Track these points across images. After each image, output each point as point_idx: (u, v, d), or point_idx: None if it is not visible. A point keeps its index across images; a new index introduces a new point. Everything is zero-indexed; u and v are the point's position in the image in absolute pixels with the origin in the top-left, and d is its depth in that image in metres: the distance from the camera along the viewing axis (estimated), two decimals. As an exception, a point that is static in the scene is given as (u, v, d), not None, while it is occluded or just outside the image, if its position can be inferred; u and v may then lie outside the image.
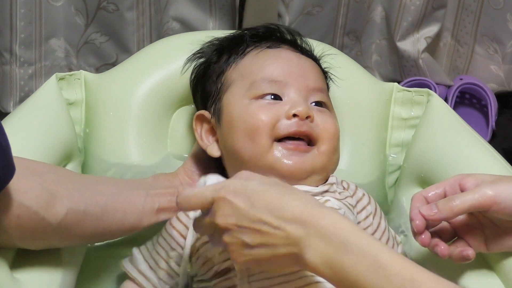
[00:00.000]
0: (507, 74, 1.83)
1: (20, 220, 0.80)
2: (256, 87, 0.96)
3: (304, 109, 0.93)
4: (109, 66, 1.67)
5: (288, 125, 0.93)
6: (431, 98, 1.13)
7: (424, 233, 0.86)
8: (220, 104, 0.98)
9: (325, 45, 1.14)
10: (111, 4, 1.67)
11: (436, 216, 0.85)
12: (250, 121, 0.93)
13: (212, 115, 0.99)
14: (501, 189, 0.83)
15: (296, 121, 0.93)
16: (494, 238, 0.88)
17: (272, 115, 0.93)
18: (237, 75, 0.99)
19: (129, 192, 0.95)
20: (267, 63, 0.98)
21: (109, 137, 1.10)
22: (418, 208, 0.86)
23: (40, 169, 0.85)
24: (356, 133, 1.13)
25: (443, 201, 0.85)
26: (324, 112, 0.97)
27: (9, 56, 1.67)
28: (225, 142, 0.97)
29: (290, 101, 0.95)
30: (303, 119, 0.93)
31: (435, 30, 1.81)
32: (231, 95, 0.97)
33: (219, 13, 1.77)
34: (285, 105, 0.94)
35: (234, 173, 0.95)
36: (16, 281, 0.83)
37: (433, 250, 0.87)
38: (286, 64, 0.98)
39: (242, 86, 0.97)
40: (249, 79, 0.97)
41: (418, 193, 0.89)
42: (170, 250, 0.96)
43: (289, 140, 0.93)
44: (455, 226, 0.90)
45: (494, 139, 1.77)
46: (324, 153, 0.95)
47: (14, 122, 1.00)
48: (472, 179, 0.87)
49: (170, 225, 0.98)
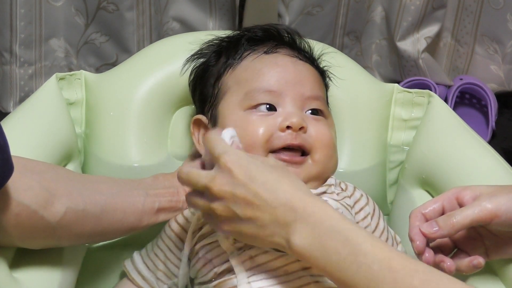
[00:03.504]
0: (507, 74, 1.83)
1: (19, 218, 0.80)
2: (250, 97, 0.96)
3: (297, 121, 0.93)
4: (109, 66, 1.67)
5: (282, 138, 0.93)
6: (432, 99, 1.13)
7: (426, 252, 0.86)
8: (216, 111, 0.99)
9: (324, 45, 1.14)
10: (111, 4, 1.67)
11: (437, 234, 0.85)
12: (245, 134, 0.93)
13: (209, 121, 0.99)
14: (500, 202, 0.83)
15: (289, 133, 0.93)
16: (494, 248, 0.88)
17: (266, 128, 0.93)
18: (233, 82, 0.99)
19: (128, 192, 0.95)
20: (262, 71, 0.98)
21: (109, 137, 1.10)
22: (417, 227, 0.86)
23: (39, 168, 0.85)
24: (356, 134, 1.13)
25: (443, 218, 0.85)
26: (320, 120, 0.97)
27: (9, 56, 1.67)
28: None
29: (283, 112, 0.95)
30: (296, 131, 0.93)
31: (435, 30, 1.81)
32: (226, 103, 0.98)
33: (219, 13, 1.77)
34: (278, 117, 0.94)
35: None
36: (15, 281, 0.83)
37: (439, 267, 0.86)
38: (282, 72, 0.98)
39: (237, 95, 0.97)
40: (244, 88, 0.97)
41: (415, 210, 0.88)
42: (168, 251, 0.97)
43: (283, 150, 0.94)
44: (455, 239, 0.90)
45: (494, 139, 1.77)
46: (319, 162, 0.95)
47: (14, 122, 1.00)
48: (469, 192, 0.86)
49: (169, 227, 0.98)
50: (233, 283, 0.88)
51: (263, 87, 0.96)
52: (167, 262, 0.97)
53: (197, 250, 0.93)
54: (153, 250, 0.99)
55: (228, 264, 0.89)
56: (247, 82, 0.97)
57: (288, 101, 0.96)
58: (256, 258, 0.88)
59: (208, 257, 0.91)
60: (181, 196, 1.01)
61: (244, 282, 0.87)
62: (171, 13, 1.76)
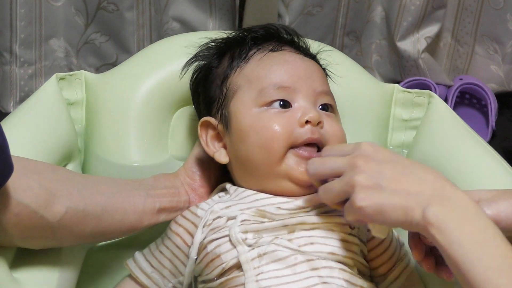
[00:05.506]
0: (507, 74, 1.83)
1: (19, 218, 0.80)
2: (265, 94, 0.96)
3: (315, 115, 0.93)
4: (109, 66, 1.67)
5: (303, 133, 0.93)
6: (432, 99, 1.13)
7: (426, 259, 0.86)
8: (227, 110, 0.98)
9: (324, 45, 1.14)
10: (111, 4, 1.67)
11: None
12: (264, 131, 0.93)
13: (219, 122, 0.99)
14: (500, 209, 0.83)
15: (309, 127, 0.93)
16: None
17: (286, 124, 0.93)
18: (243, 80, 0.98)
19: (129, 192, 0.95)
20: (274, 68, 0.98)
21: (109, 137, 1.10)
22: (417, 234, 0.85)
23: (39, 168, 0.85)
24: (357, 134, 1.13)
25: None
26: (331, 116, 0.98)
27: (9, 56, 1.67)
28: (236, 150, 0.97)
29: (300, 107, 0.95)
30: (314, 125, 0.93)
31: (435, 30, 1.81)
32: (238, 101, 0.97)
33: (219, 13, 1.77)
34: (296, 113, 0.94)
35: (243, 178, 0.97)
36: (15, 281, 0.83)
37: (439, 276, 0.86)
38: (293, 69, 0.98)
39: (250, 92, 0.97)
40: (257, 86, 0.97)
41: None
42: (175, 248, 0.96)
43: (302, 146, 0.94)
44: None
45: (494, 139, 1.77)
46: None
47: (14, 122, 1.00)
48: None
49: (176, 223, 0.98)
50: (240, 281, 0.88)
51: (277, 84, 0.96)
52: (174, 259, 0.96)
53: (205, 244, 0.93)
54: (158, 248, 0.98)
55: (236, 260, 0.89)
56: (259, 79, 0.97)
57: (302, 97, 0.96)
58: (265, 256, 0.88)
59: (217, 252, 0.91)
60: (182, 196, 1.01)
61: (252, 280, 0.87)
62: (171, 13, 1.76)
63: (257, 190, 0.95)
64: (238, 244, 0.89)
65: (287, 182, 0.93)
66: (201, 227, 0.94)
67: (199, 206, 0.97)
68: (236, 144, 0.96)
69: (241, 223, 0.91)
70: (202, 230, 0.93)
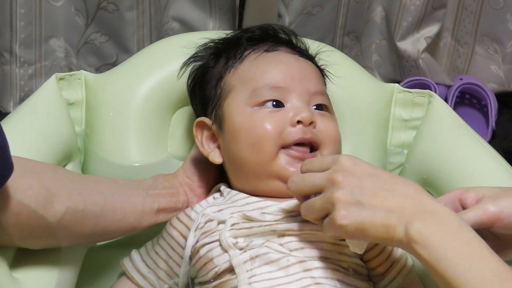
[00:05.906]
0: (507, 74, 1.83)
1: (18, 218, 0.80)
2: (258, 94, 0.96)
3: (307, 115, 0.93)
4: (109, 66, 1.67)
5: (294, 133, 0.93)
6: (433, 99, 1.13)
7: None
8: (220, 110, 0.98)
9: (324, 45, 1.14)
10: (111, 4, 1.67)
11: None
12: (256, 131, 0.93)
13: (213, 122, 0.99)
14: (503, 205, 0.82)
15: (300, 127, 0.93)
16: (497, 250, 0.87)
17: (277, 123, 0.93)
18: (237, 81, 0.98)
19: (128, 192, 0.96)
20: (267, 68, 0.98)
21: (109, 137, 1.10)
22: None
23: (39, 168, 0.85)
24: (357, 134, 1.13)
25: None
26: (325, 116, 0.97)
27: (9, 56, 1.67)
28: (229, 150, 0.97)
29: (293, 107, 0.95)
30: (306, 125, 0.93)
31: (435, 30, 1.81)
32: (232, 102, 0.97)
33: (219, 13, 1.77)
34: (288, 112, 0.94)
35: (236, 179, 0.97)
36: (15, 281, 0.83)
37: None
38: (286, 69, 0.98)
39: (243, 93, 0.97)
40: (250, 86, 0.97)
41: None
42: (170, 250, 0.97)
43: (294, 146, 0.94)
44: None
45: (494, 139, 1.77)
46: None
47: (14, 122, 1.00)
48: (472, 194, 0.86)
49: (171, 225, 0.98)
50: (233, 284, 0.88)
51: (270, 84, 0.96)
52: (169, 261, 0.97)
53: (198, 248, 0.93)
54: (153, 248, 0.98)
55: (228, 264, 0.89)
56: (252, 80, 0.97)
57: (295, 97, 0.96)
58: (257, 259, 0.88)
59: (209, 256, 0.91)
60: (181, 196, 1.01)
61: (245, 283, 0.87)
62: (171, 13, 1.76)
63: (250, 191, 0.95)
64: (229, 248, 0.89)
65: (278, 182, 0.93)
66: (194, 230, 0.94)
67: (194, 209, 0.97)
68: (229, 144, 0.96)
69: (230, 227, 0.91)
70: (195, 234, 0.94)
